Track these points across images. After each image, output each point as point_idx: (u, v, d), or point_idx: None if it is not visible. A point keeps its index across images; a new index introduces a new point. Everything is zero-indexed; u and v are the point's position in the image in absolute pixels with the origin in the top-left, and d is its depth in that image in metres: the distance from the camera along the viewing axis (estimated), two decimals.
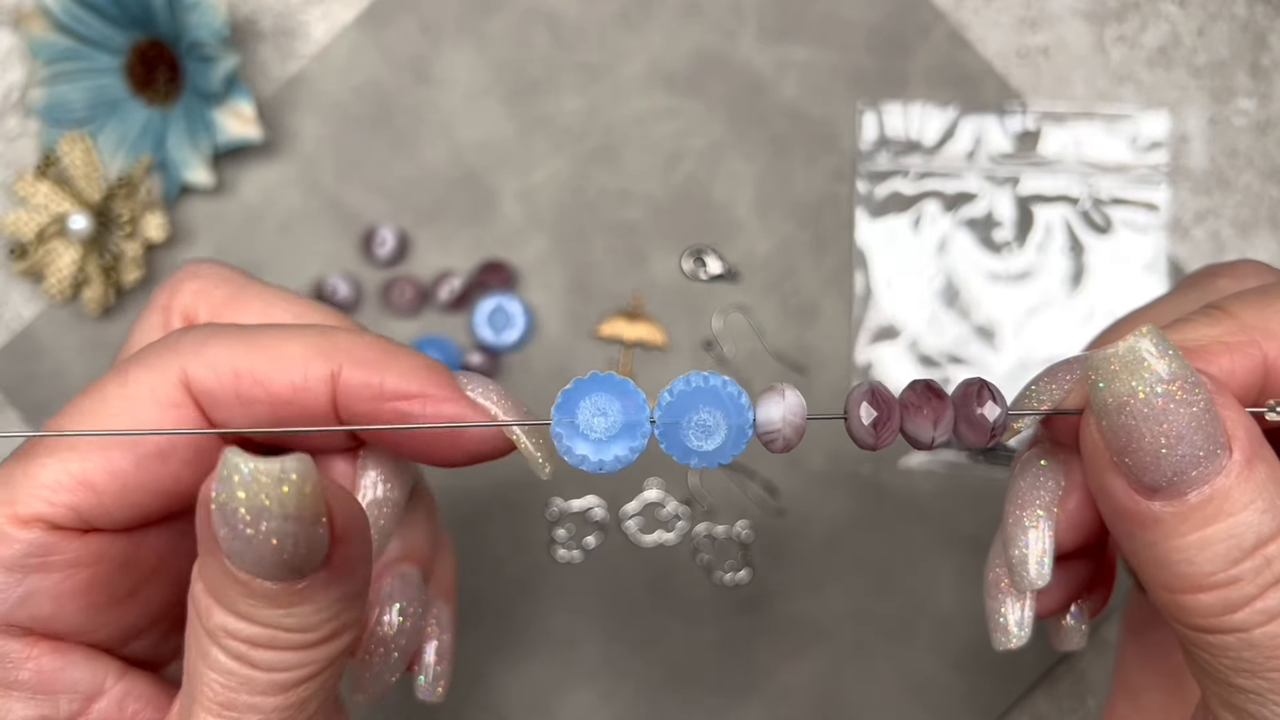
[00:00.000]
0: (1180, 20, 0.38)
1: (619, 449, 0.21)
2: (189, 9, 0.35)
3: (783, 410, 0.21)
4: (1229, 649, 0.19)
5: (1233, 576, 0.18)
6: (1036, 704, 0.37)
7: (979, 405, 0.21)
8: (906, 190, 0.38)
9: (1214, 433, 0.18)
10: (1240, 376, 0.20)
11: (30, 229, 0.36)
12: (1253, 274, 0.23)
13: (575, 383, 0.21)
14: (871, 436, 0.21)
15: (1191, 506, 0.19)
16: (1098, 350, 0.19)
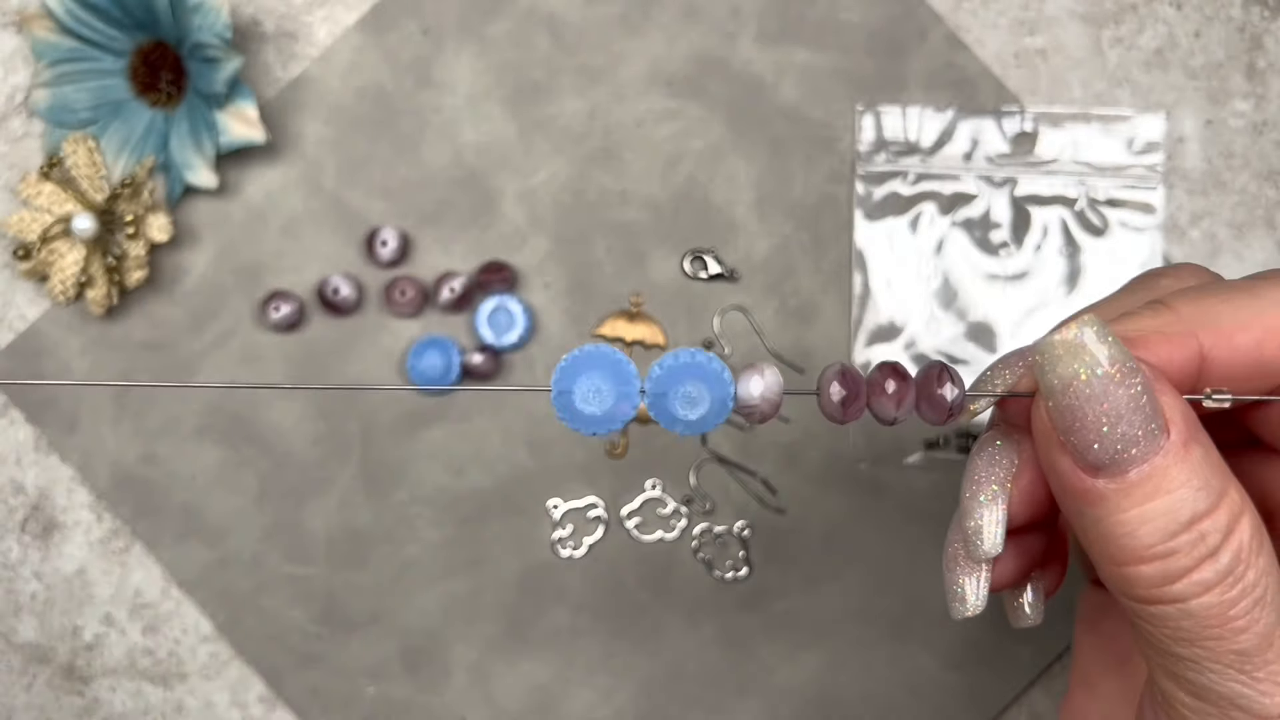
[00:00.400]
0: (1177, 23, 0.38)
1: (611, 421, 0.23)
2: (192, 11, 0.35)
3: (761, 387, 0.23)
4: (1169, 619, 0.20)
5: (1170, 549, 0.20)
6: (1034, 701, 0.37)
7: (939, 386, 0.23)
8: (904, 191, 0.38)
9: (1152, 414, 0.20)
10: (1178, 364, 0.22)
11: (34, 230, 0.36)
12: (1192, 275, 0.25)
13: (570, 357, 0.23)
14: (840, 413, 0.23)
15: (1132, 483, 0.20)
16: (1045, 337, 0.21)
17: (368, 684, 0.38)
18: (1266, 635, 0.20)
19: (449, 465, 0.38)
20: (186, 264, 0.38)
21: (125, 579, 0.38)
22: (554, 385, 0.23)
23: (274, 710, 0.38)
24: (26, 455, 0.38)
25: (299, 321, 0.38)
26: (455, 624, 0.38)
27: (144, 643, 0.38)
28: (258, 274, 0.38)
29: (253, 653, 0.38)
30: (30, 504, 0.38)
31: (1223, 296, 0.23)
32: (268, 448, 0.38)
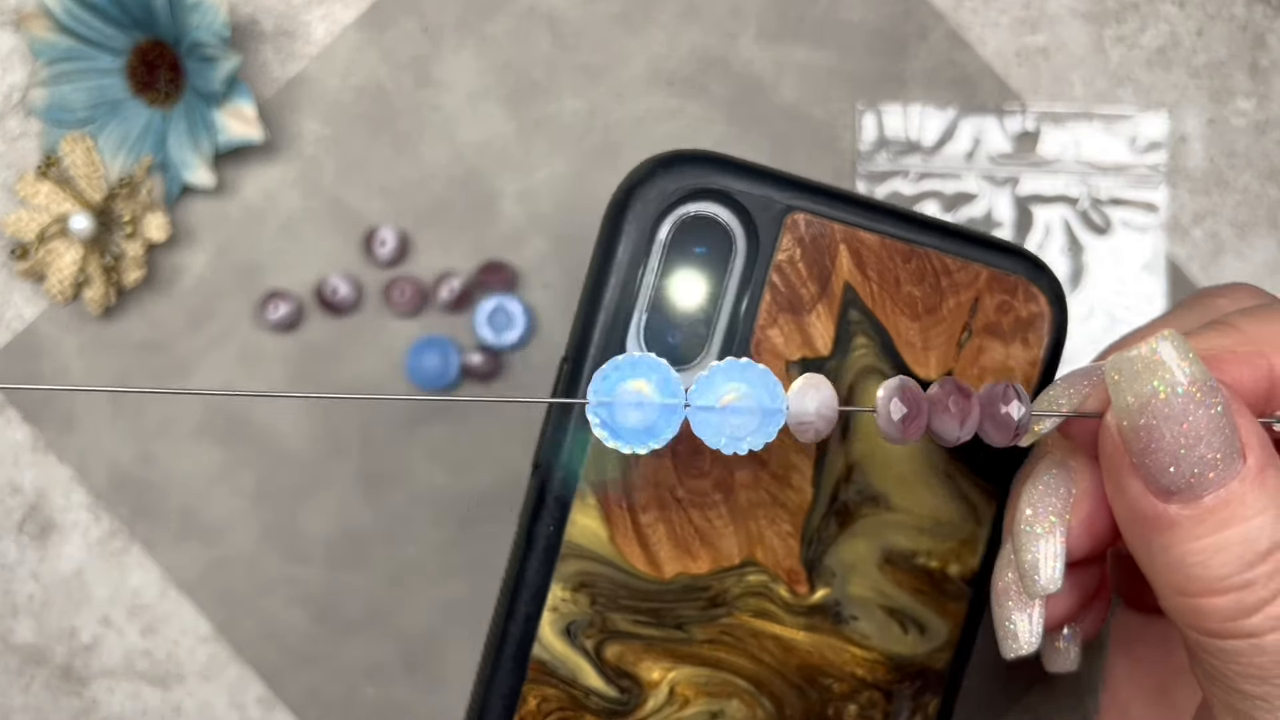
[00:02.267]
0: (1179, 21, 0.38)
1: (651, 436, 0.22)
2: (190, 10, 0.35)
3: (816, 403, 0.22)
4: (1240, 654, 0.19)
5: (1247, 580, 0.19)
6: (1035, 704, 0.37)
7: (1004, 404, 0.22)
8: (906, 191, 0.38)
9: (1230, 437, 0.19)
10: (1248, 385, 0.21)
11: (31, 229, 0.36)
12: (1249, 295, 0.24)
13: (613, 364, 0.22)
14: (899, 432, 0.22)
15: (1207, 509, 0.19)
16: (1120, 352, 0.20)
17: (367, 685, 0.37)
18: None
19: (449, 465, 0.38)
20: (184, 263, 0.38)
21: (123, 580, 0.38)
22: (591, 396, 0.22)
23: (273, 711, 0.38)
24: (24, 455, 0.38)
25: (297, 321, 0.38)
26: (455, 625, 0.37)
27: (142, 644, 0.38)
28: (256, 273, 0.38)
29: (251, 653, 0.37)
30: (27, 504, 0.38)
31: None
32: (266, 448, 0.38)
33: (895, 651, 0.27)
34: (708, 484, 0.26)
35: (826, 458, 0.26)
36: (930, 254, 0.26)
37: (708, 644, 0.26)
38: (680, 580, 0.26)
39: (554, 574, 0.26)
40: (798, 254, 0.25)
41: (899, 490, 0.27)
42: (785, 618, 0.26)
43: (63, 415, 0.38)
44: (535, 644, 0.26)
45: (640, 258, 0.25)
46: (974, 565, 0.27)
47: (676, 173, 0.25)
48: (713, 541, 0.26)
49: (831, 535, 0.26)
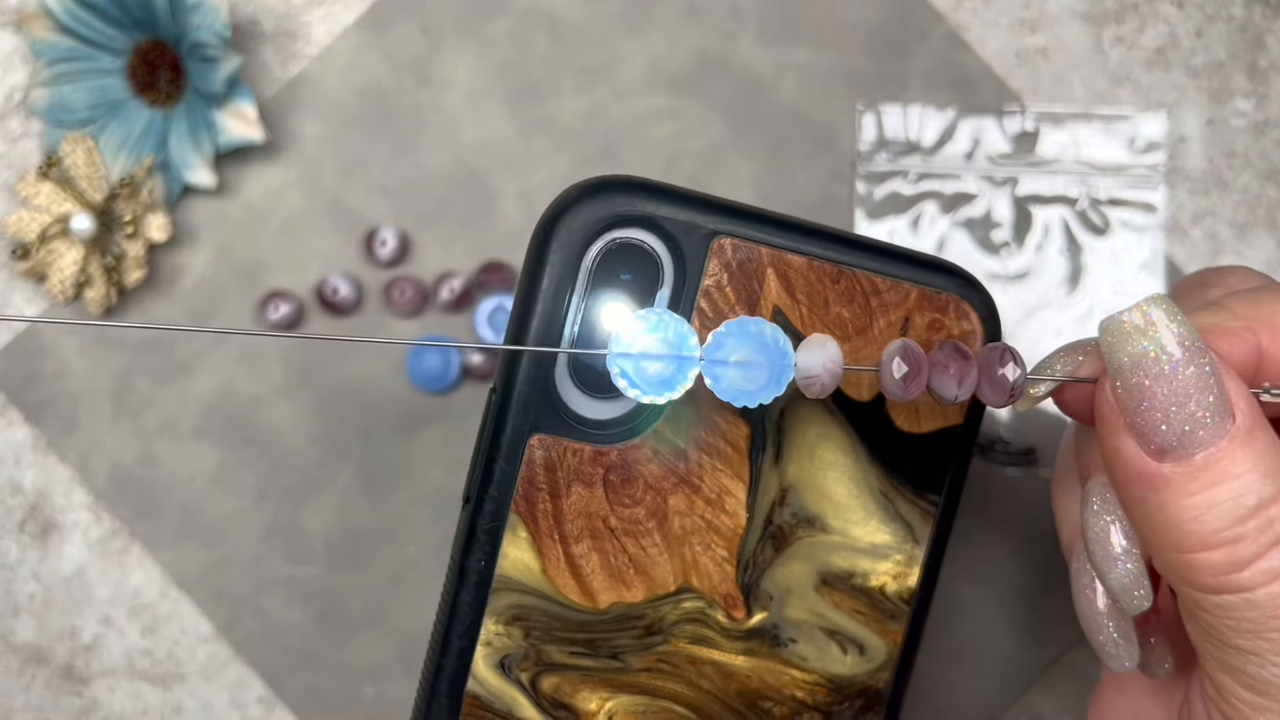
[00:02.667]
0: (1178, 21, 0.38)
1: (669, 384, 0.23)
2: (191, 10, 0.35)
3: (823, 358, 0.22)
4: (1232, 609, 0.20)
5: (1238, 534, 0.20)
6: (1035, 703, 0.37)
7: (1001, 366, 0.22)
8: (905, 191, 0.38)
9: (1219, 396, 0.20)
10: (1237, 358, 0.22)
11: (33, 229, 0.36)
12: (1243, 278, 0.25)
13: (631, 319, 0.22)
14: (901, 389, 0.23)
15: (1198, 466, 0.20)
16: (1112, 316, 0.21)
17: (367, 685, 0.37)
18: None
19: (449, 465, 0.38)
20: (185, 264, 0.38)
21: (124, 580, 0.38)
22: (613, 346, 0.22)
23: (273, 711, 0.38)
24: (25, 455, 0.38)
25: (298, 321, 0.38)
26: None
27: (142, 643, 0.38)
28: (256, 273, 0.38)
29: (252, 653, 0.38)
30: (28, 504, 0.38)
31: (1278, 296, 0.23)
32: (266, 448, 0.38)
33: (835, 672, 0.27)
34: (641, 512, 0.26)
35: (760, 482, 0.26)
36: (859, 274, 0.26)
37: (645, 672, 0.26)
38: (615, 609, 0.26)
39: (486, 608, 0.26)
40: (725, 279, 0.25)
41: (834, 512, 0.26)
42: (723, 643, 0.26)
43: (63, 416, 0.38)
44: (469, 678, 0.26)
45: (566, 285, 0.25)
46: (911, 584, 0.27)
47: (602, 199, 0.25)
48: (647, 570, 0.26)
49: (767, 559, 0.26)
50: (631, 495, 0.26)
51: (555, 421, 0.25)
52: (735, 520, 0.26)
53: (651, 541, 0.26)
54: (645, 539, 0.26)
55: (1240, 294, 0.23)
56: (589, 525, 0.26)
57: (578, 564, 0.26)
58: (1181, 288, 0.27)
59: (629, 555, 0.26)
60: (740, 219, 0.26)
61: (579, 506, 0.26)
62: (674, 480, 0.26)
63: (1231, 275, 0.25)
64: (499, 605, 0.26)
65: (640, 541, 0.26)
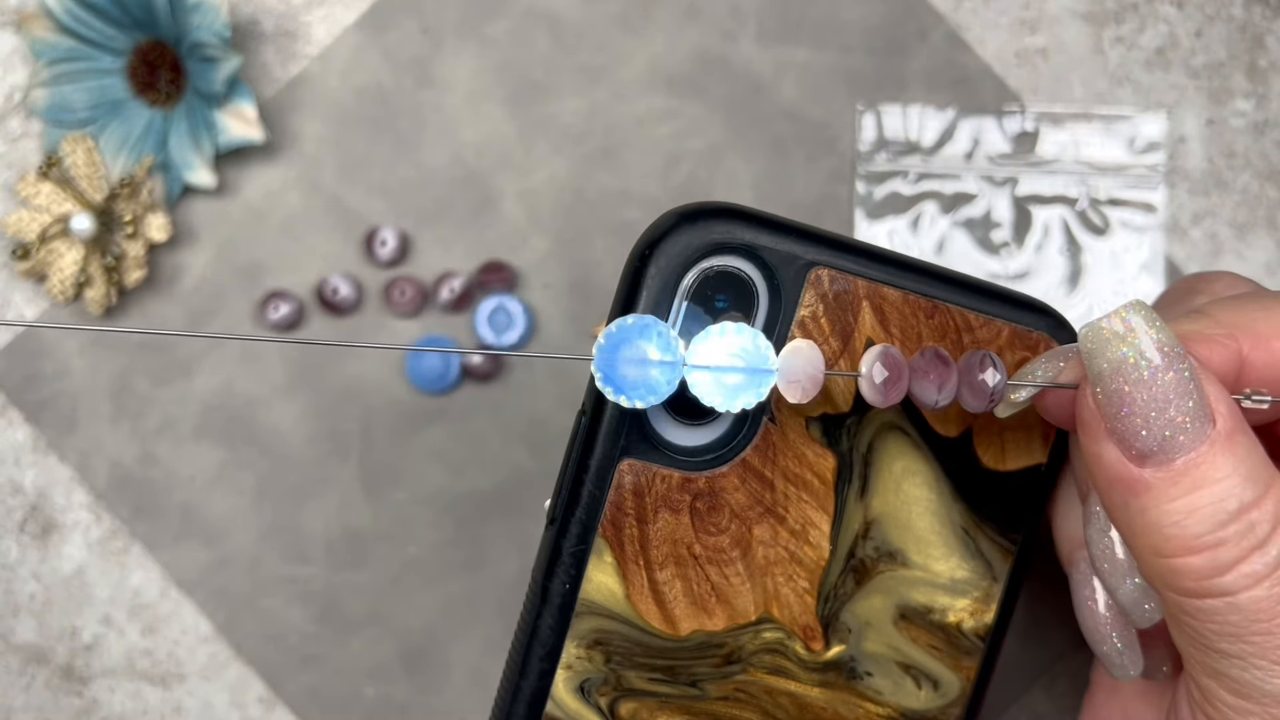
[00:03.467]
0: (1178, 22, 0.38)
1: (652, 394, 0.23)
2: (191, 10, 0.35)
3: (803, 362, 0.23)
4: (1215, 613, 0.20)
5: (1219, 539, 0.20)
6: (1035, 702, 0.37)
7: (981, 372, 0.23)
8: (905, 191, 0.38)
9: (1199, 402, 0.20)
10: (1217, 365, 0.22)
11: (33, 229, 0.36)
12: (1228, 284, 0.25)
13: (618, 324, 0.23)
14: (881, 394, 0.23)
15: (1179, 471, 0.20)
16: (1092, 323, 0.21)
17: (367, 685, 0.38)
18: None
19: (449, 465, 0.38)
20: (185, 264, 0.38)
21: (124, 579, 0.38)
22: (598, 354, 0.23)
23: (273, 711, 0.38)
24: (25, 455, 0.38)
25: (298, 321, 0.38)
26: (455, 625, 0.38)
27: (143, 643, 0.38)
28: (256, 274, 0.38)
29: (252, 653, 0.38)
30: (29, 504, 0.38)
31: (1260, 304, 0.23)
32: (266, 448, 0.38)
33: (909, 707, 0.27)
34: (725, 540, 0.26)
35: (844, 514, 0.26)
36: (952, 309, 0.26)
37: (722, 700, 0.26)
38: (696, 637, 0.26)
39: (569, 631, 0.26)
40: (820, 310, 0.25)
41: (916, 547, 0.26)
42: (800, 674, 0.26)
43: (64, 416, 0.38)
44: (549, 701, 0.26)
45: (661, 311, 0.25)
46: (988, 620, 0.27)
47: (700, 226, 0.25)
48: (729, 598, 0.26)
49: (848, 592, 0.26)
50: (717, 523, 0.26)
51: (645, 447, 0.25)
52: (818, 552, 0.26)
53: (734, 570, 0.26)
54: (728, 568, 0.26)
55: (1223, 301, 0.23)
56: (674, 552, 0.26)
57: (661, 590, 0.26)
58: (1169, 294, 0.27)
59: (711, 583, 0.26)
60: (838, 251, 0.26)
61: (665, 533, 0.26)
62: (759, 510, 0.26)
63: (1217, 281, 0.26)
64: (581, 629, 0.26)
65: (724, 570, 0.26)
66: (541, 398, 0.38)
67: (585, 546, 0.25)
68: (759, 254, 0.25)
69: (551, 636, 0.26)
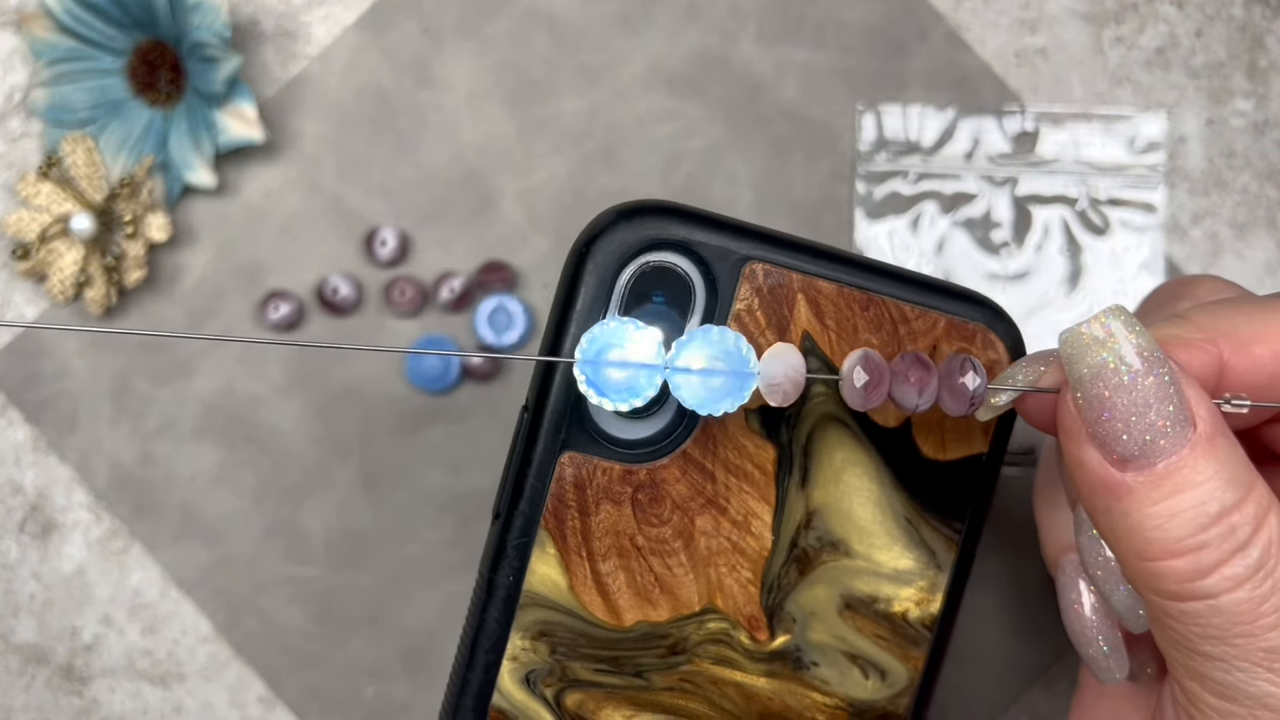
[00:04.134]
0: (1178, 22, 0.38)
1: (632, 395, 0.23)
2: (191, 10, 0.35)
3: (784, 366, 0.23)
4: (1198, 616, 0.20)
5: (1201, 542, 0.20)
6: (1035, 702, 0.37)
7: (961, 376, 0.23)
8: (905, 191, 0.38)
9: (1179, 406, 0.20)
10: (1197, 370, 0.22)
11: (33, 229, 0.36)
12: (1211, 290, 0.26)
13: (600, 326, 0.23)
14: (861, 398, 0.23)
15: (1160, 476, 0.20)
16: (1072, 328, 0.21)
17: (367, 685, 0.37)
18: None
19: (449, 465, 0.38)
20: (185, 264, 0.38)
21: (124, 579, 0.38)
22: (580, 356, 0.23)
23: (273, 710, 0.38)
24: (25, 455, 0.38)
25: (298, 321, 0.38)
26: (455, 624, 0.37)
27: (143, 643, 0.38)
28: (256, 274, 0.38)
29: (252, 653, 0.38)
30: (28, 504, 0.38)
31: (1241, 310, 0.23)
32: (267, 448, 0.38)
33: (856, 697, 0.27)
34: (668, 532, 0.26)
35: (786, 505, 0.26)
36: (888, 302, 0.26)
37: (668, 691, 0.26)
38: (640, 628, 0.26)
39: (514, 623, 0.26)
40: (756, 303, 0.26)
41: (858, 537, 0.27)
42: (746, 664, 0.26)
43: (64, 416, 0.38)
44: (495, 693, 0.26)
45: (600, 306, 0.26)
46: (934, 610, 0.27)
47: (637, 223, 0.26)
48: (672, 589, 0.26)
49: (791, 582, 0.26)
50: (659, 515, 0.26)
51: (586, 440, 0.26)
52: (760, 542, 0.26)
53: (678, 561, 0.26)
54: (671, 559, 0.26)
55: (1205, 306, 0.23)
56: (616, 543, 0.26)
57: (604, 581, 0.26)
58: (1152, 298, 0.27)
59: (655, 574, 0.26)
60: (772, 244, 0.26)
61: (607, 524, 0.26)
62: (701, 501, 0.26)
63: (1201, 286, 0.26)
64: (526, 620, 0.26)
65: (666, 561, 0.26)
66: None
67: (528, 539, 0.26)
68: (694, 249, 0.26)
69: (497, 628, 0.26)
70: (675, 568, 0.26)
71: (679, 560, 0.26)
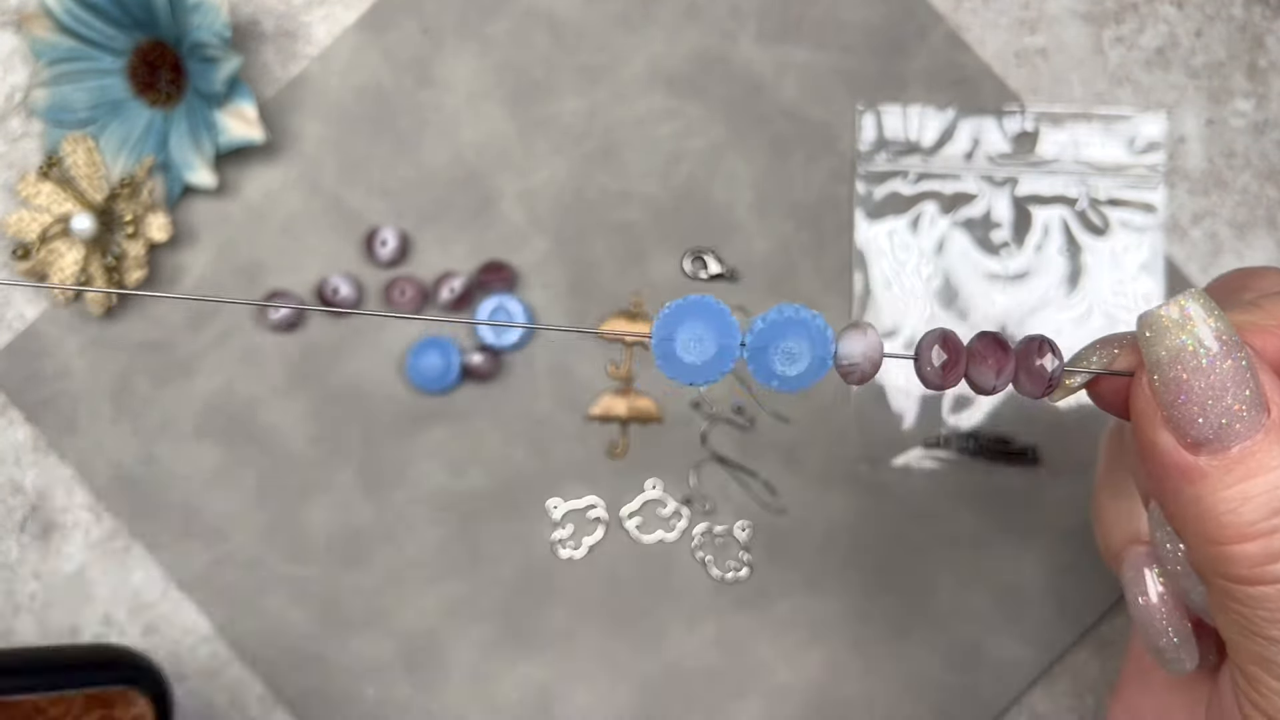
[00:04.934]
0: (1178, 22, 0.38)
1: (711, 370, 0.22)
2: (191, 10, 0.35)
3: (864, 346, 0.22)
4: (1268, 600, 0.20)
5: (1274, 526, 0.20)
6: (1035, 702, 0.37)
7: (1039, 358, 0.22)
8: (905, 191, 0.38)
9: (1255, 390, 0.20)
10: (1271, 356, 0.22)
11: (33, 229, 0.36)
12: (1275, 281, 0.25)
13: (674, 306, 0.22)
14: (939, 377, 0.23)
15: (1234, 459, 0.20)
16: (1150, 311, 0.21)
17: (367, 685, 0.37)
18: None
19: (449, 465, 0.38)
20: (186, 264, 0.38)
21: (124, 579, 0.38)
22: (655, 332, 0.22)
23: (273, 710, 0.38)
24: (25, 455, 0.38)
25: (298, 321, 0.38)
26: (455, 624, 0.38)
27: (143, 643, 0.38)
28: (257, 273, 0.38)
29: (252, 653, 0.38)
30: (29, 504, 0.38)
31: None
32: (267, 447, 0.38)
33: None
34: None
35: None
36: (19, 701, 0.24)
37: None
38: None
39: None
40: None
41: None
42: None
43: (64, 416, 0.38)
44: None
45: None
46: None
47: None
48: None
49: None
50: None
51: None
52: None
53: None
54: None
55: (1274, 295, 0.23)
56: None
57: None
58: (1214, 288, 0.27)
59: None
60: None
61: None
62: None
63: (1264, 278, 0.26)
64: None
65: None
66: (541, 398, 0.38)
67: None
68: None
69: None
70: None
71: None
